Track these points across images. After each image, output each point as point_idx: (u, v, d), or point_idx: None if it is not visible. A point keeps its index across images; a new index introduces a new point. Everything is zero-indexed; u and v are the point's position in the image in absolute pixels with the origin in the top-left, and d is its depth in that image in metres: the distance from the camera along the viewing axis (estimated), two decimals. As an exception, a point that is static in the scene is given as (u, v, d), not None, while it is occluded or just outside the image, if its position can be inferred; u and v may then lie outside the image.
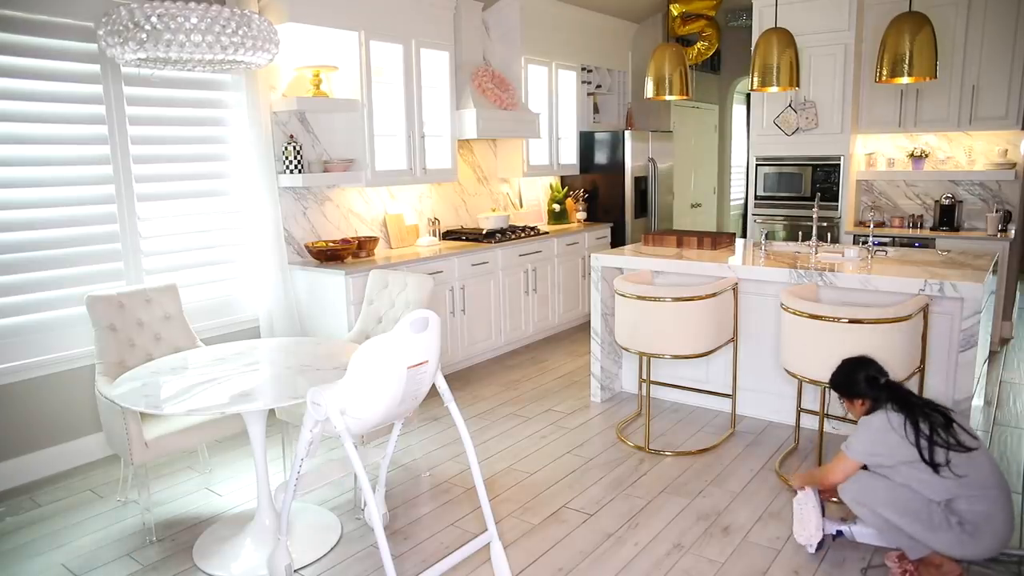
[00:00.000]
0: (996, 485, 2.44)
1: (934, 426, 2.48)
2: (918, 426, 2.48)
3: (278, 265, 4.41)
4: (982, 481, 2.43)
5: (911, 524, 2.46)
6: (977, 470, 2.44)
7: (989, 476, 2.45)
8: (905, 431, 2.49)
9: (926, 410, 2.53)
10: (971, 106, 5.38)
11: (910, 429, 2.49)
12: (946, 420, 2.51)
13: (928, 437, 2.46)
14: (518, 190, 6.61)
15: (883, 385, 2.65)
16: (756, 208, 6.28)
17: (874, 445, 2.56)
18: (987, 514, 2.40)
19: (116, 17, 2.79)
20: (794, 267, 3.75)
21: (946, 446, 2.44)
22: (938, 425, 2.48)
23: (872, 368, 2.72)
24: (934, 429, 2.47)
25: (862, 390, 2.69)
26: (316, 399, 2.29)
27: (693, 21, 7.39)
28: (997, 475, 2.47)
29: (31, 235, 3.55)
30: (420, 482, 3.49)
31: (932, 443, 2.45)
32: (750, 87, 4.41)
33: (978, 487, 2.42)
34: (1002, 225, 5.42)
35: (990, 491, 2.42)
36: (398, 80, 4.92)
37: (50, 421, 3.66)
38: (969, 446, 2.46)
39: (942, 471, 2.43)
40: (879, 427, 2.56)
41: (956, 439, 2.46)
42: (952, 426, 2.49)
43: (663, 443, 3.88)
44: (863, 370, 2.71)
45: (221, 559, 2.83)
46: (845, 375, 2.77)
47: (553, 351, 5.75)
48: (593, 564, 2.77)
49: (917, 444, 2.46)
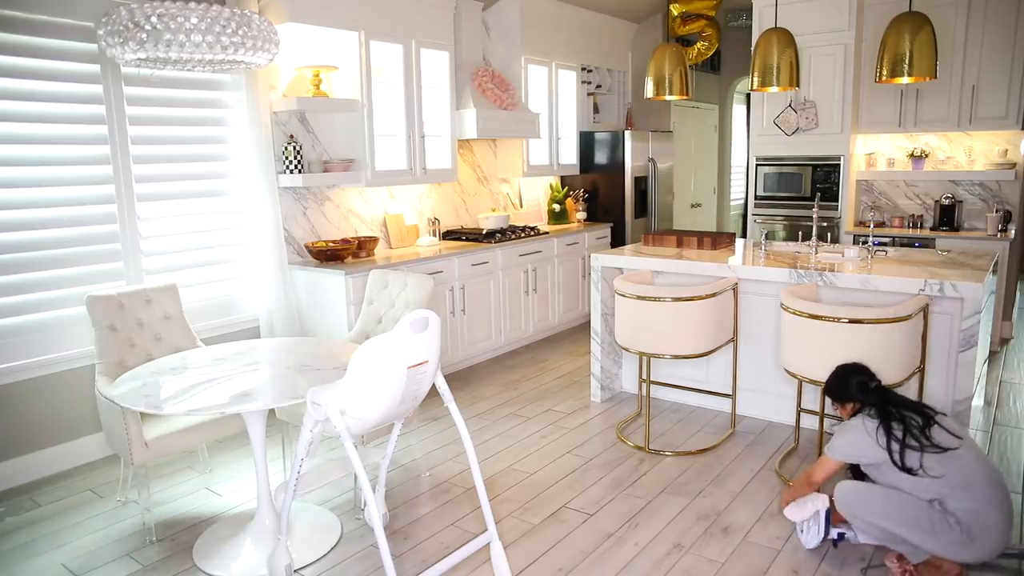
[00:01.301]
0: (984, 483, 2.44)
1: (908, 429, 2.52)
2: (890, 431, 2.54)
3: (278, 265, 4.41)
4: (964, 479, 2.43)
5: (911, 532, 2.47)
6: (959, 469, 2.44)
7: (974, 474, 2.44)
8: (877, 436, 2.56)
9: (904, 412, 2.58)
10: (971, 106, 5.38)
11: (882, 434, 2.55)
12: (925, 421, 2.54)
13: (900, 441, 2.51)
14: (518, 190, 6.61)
15: (872, 390, 2.72)
16: (756, 208, 6.28)
17: (851, 447, 2.65)
18: (976, 512, 2.40)
19: (116, 17, 2.79)
20: (794, 267, 3.75)
21: (920, 449, 2.48)
22: (914, 427, 2.52)
23: (864, 375, 2.79)
24: (908, 432, 2.52)
25: (852, 395, 2.77)
26: (316, 399, 2.29)
27: (693, 21, 7.39)
28: (985, 472, 2.46)
29: (31, 235, 3.55)
30: (420, 482, 3.49)
31: (904, 446, 2.50)
32: (750, 87, 4.41)
33: (960, 486, 2.43)
34: (1002, 225, 5.42)
35: (976, 489, 2.42)
36: (398, 80, 4.92)
37: (50, 421, 3.66)
38: (945, 446, 2.48)
39: (917, 473, 2.47)
40: (854, 429, 2.65)
41: (931, 440, 2.49)
42: (931, 427, 2.52)
43: (663, 443, 3.88)
44: (855, 376, 2.79)
45: (221, 559, 2.83)
46: (838, 381, 2.86)
47: (553, 351, 5.75)
48: (593, 564, 2.77)
49: (888, 448, 2.52)
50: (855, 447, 2.63)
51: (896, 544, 2.57)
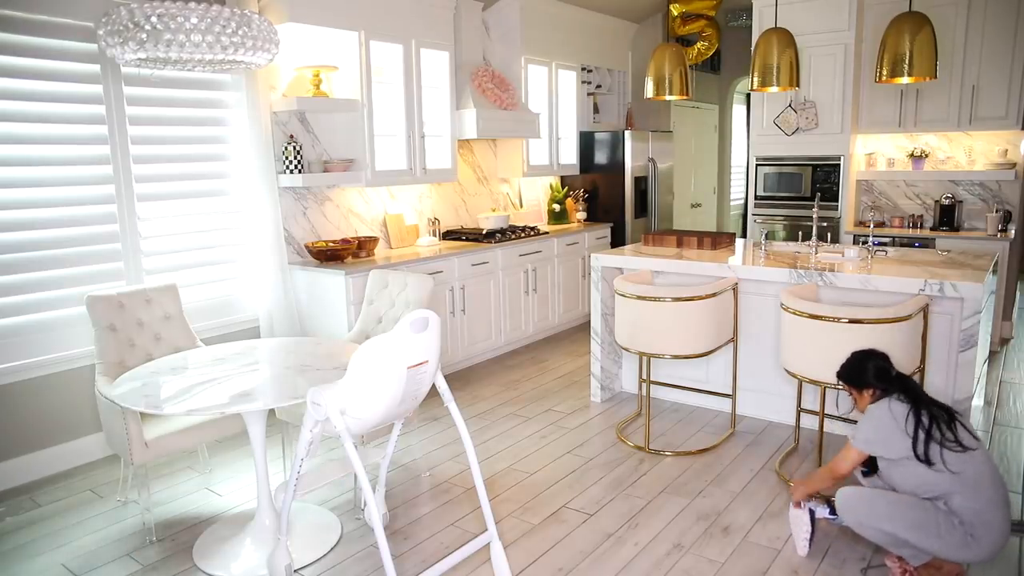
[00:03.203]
0: (991, 486, 2.44)
1: (936, 421, 2.48)
2: (920, 417, 2.48)
3: (278, 265, 4.41)
4: (976, 479, 2.43)
5: (917, 535, 2.45)
6: (973, 469, 2.44)
7: (985, 476, 2.44)
8: (906, 422, 2.49)
9: (931, 406, 2.53)
10: (971, 106, 5.38)
11: (911, 420, 2.49)
12: (949, 417, 2.51)
13: (927, 430, 2.46)
14: (518, 190, 6.61)
15: (894, 377, 2.65)
16: (756, 208, 6.28)
17: (876, 434, 2.55)
18: (980, 511, 2.40)
19: (116, 17, 2.79)
20: (794, 267, 3.75)
21: (942, 443, 2.44)
22: (941, 421, 2.48)
23: (882, 359, 2.71)
24: (935, 423, 2.47)
25: (871, 380, 2.67)
26: (316, 399, 2.29)
27: (693, 21, 7.39)
28: (994, 477, 2.47)
29: (31, 235, 3.55)
30: (420, 482, 3.49)
31: (929, 437, 2.45)
32: (750, 87, 4.41)
33: (972, 485, 2.42)
34: (1002, 225, 5.42)
35: (984, 491, 2.42)
36: (398, 80, 4.92)
37: (50, 421, 3.66)
38: (968, 446, 2.46)
39: (936, 467, 2.43)
40: (881, 415, 2.56)
41: (956, 437, 2.46)
42: (954, 424, 2.49)
43: (663, 443, 3.88)
44: (872, 361, 2.70)
45: (221, 559, 2.83)
46: (855, 365, 2.74)
47: (553, 351, 5.75)
48: (593, 564, 2.77)
49: (914, 436, 2.46)
50: (881, 434, 2.54)
51: (899, 547, 2.56)
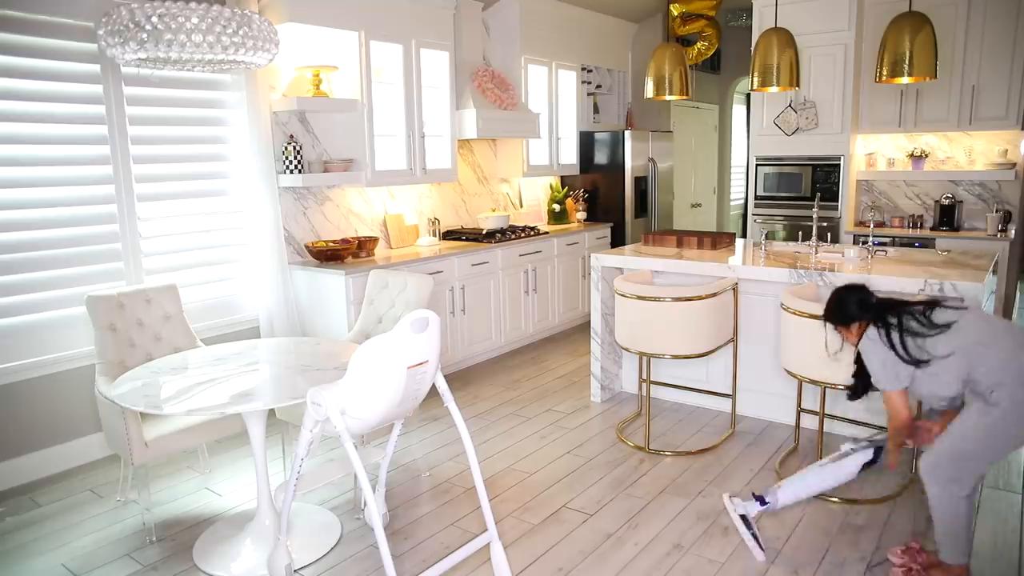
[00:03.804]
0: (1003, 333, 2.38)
1: (903, 322, 2.46)
2: (889, 330, 2.47)
3: (278, 265, 4.41)
4: (977, 340, 2.37)
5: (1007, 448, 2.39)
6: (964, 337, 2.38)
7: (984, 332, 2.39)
8: (883, 341, 2.48)
9: (900, 308, 2.51)
10: (971, 106, 5.38)
11: (884, 336, 2.48)
12: (927, 306, 2.48)
13: (900, 332, 2.45)
14: (518, 190, 6.61)
15: (872, 305, 2.60)
16: (756, 208, 6.28)
17: (883, 366, 2.51)
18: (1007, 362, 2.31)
19: (116, 17, 2.79)
20: (794, 267, 3.75)
21: (921, 335, 2.42)
22: (912, 316, 2.46)
23: (862, 292, 2.66)
24: (902, 321, 2.46)
25: (854, 313, 2.63)
26: (316, 399, 2.29)
27: (693, 21, 7.39)
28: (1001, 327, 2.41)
29: (31, 235, 3.55)
30: (420, 482, 3.49)
31: (903, 332, 2.44)
32: (750, 87, 4.41)
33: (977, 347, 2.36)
34: (1002, 225, 5.42)
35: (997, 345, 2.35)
36: (398, 80, 4.92)
37: (50, 421, 3.66)
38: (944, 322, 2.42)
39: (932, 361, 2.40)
40: (870, 350, 2.54)
41: (930, 321, 2.44)
42: (932, 310, 2.47)
43: (663, 443, 3.88)
44: (852, 294, 2.66)
45: (221, 559, 2.83)
46: (836, 302, 2.71)
47: (553, 351, 5.75)
48: (593, 564, 2.77)
49: (894, 348, 2.46)
50: (884, 365, 2.49)
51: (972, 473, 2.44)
